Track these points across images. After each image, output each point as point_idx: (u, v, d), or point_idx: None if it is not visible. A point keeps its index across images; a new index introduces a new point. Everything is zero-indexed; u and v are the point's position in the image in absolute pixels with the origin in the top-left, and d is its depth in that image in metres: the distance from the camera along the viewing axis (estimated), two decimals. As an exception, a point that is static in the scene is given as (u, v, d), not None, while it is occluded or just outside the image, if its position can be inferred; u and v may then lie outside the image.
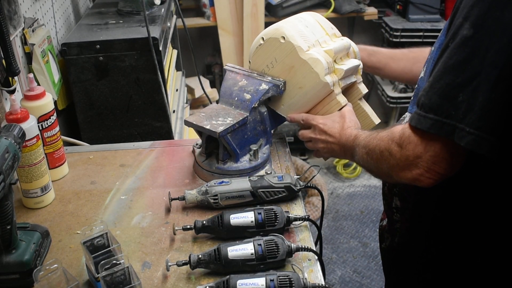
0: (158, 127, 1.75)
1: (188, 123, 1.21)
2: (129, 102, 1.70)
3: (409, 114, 1.06)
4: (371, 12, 3.18)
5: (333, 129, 1.16)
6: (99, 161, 1.37)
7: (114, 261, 0.87)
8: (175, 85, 2.26)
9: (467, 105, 0.79)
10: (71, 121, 1.75)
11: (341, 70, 1.21)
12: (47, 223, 1.12)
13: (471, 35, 0.79)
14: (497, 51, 0.77)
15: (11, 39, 1.22)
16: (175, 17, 2.35)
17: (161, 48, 1.66)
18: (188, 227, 1.04)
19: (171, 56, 2.21)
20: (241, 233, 1.02)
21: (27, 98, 1.18)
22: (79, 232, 1.09)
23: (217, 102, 1.29)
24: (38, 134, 1.14)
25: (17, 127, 0.95)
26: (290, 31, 1.19)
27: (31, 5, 1.51)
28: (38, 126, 1.16)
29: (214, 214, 1.05)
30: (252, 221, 1.02)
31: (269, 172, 1.20)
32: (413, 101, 1.06)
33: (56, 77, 1.61)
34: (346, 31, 3.37)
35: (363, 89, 1.31)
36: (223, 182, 1.13)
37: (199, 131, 1.22)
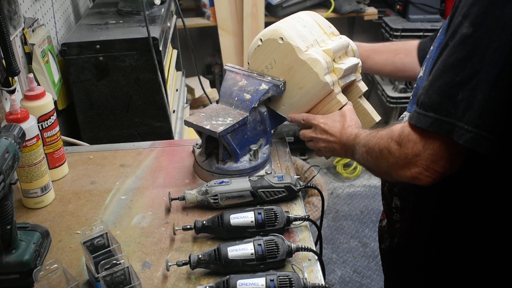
0: (158, 127, 1.75)
1: (188, 123, 1.21)
2: (129, 102, 1.70)
3: (408, 114, 1.06)
4: (371, 12, 3.17)
5: (334, 128, 1.16)
6: (99, 161, 1.37)
7: (114, 261, 0.87)
8: (175, 85, 2.26)
9: (466, 103, 0.79)
10: (71, 121, 1.75)
11: (341, 69, 1.21)
12: (47, 223, 1.12)
13: (470, 33, 0.79)
14: (496, 49, 0.77)
15: (11, 39, 1.22)
16: (175, 17, 2.34)
17: (161, 48, 1.66)
18: (188, 227, 1.04)
19: (171, 56, 2.21)
20: (241, 233, 1.02)
21: (27, 98, 1.18)
22: (79, 232, 1.09)
23: (217, 102, 1.29)
24: (38, 134, 1.14)
25: (17, 127, 0.95)
26: (288, 31, 1.19)
27: (31, 5, 1.51)
28: (38, 126, 1.16)
29: (214, 214, 1.05)
30: (252, 221, 1.02)
31: (269, 172, 1.20)
32: (412, 100, 1.06)
33: (56, 77, 1.61)
34: (346, 31, 3.37)
35: (362, 87, 1.31)
36: (223, 182, 1.13)
37: (199, 131, 1.22)
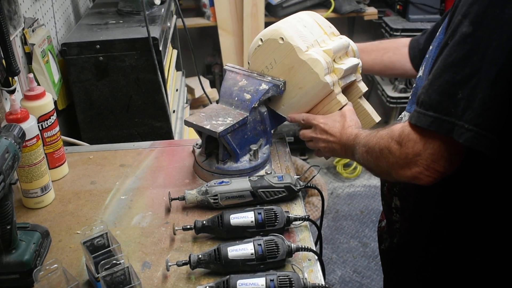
0: (158, 127, 1.75)
1: (188, 123, 1.21)
2: (129, 102, 1.70)
3: (407, 114, 1.06)
4: (371, 12, 3.17)
5: (334, 129, 1.16)
6: (99, 161, 1.37)
7: (114, 261, 0.87)
8: (175, 85, 2.26)
9: (466, 102, 0.79)
10: (71, 121, 1.75)
11: (341, 69, 1.21)
12: (47, 223, 1.12)
13: (470, 32, 0.79)
14: (496, 48, 0.77)
15: (11, 39, 1.22)
16: (175, 17, 2.34)
17: (161, 48, 1.66)
18: (188, 227, 1.04)
19: (171, 56, 2.21)
20: (241, 233, 1.02)
21: (27, 98, 1.18)
22: (79, 232, 1.09)
23: (217, 102, 1.29)
24: (38, 134, 1.14)
25: (17, 127, 0.95)
26: (289, 31, 1.19)
27: (31, 5, 1.51)
28: (38, 126, 1.16)
29: (214, 214, 1.05)
30: (252, 221, 1.02)
31: (269, 172, 1.20)
32: (411, 100, 1.06)
33: (56, 77, 1.61)
34: (346, 31, 3.37)
35: (363, 87, 1.31)
36: (223, 182, 1.13)
37: (199, 131, 1.22)
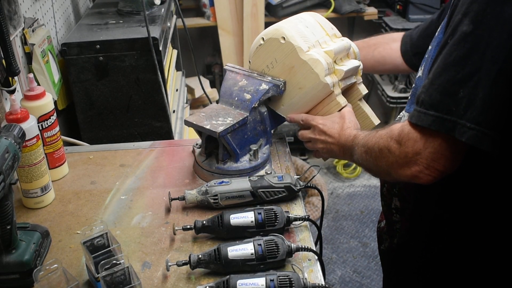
0: (158, 127, 1.75)
1: (188, 123, 1.21)
2: (129, 102, 1.70)
3: (406, 114, 1.06)
4: (371, 12, 3.17)
5: (332, 130, 1.16)
6: (99, 161, 1.37)
7: (114, 261, 0.87)
8: (175, 85, 2.26)
9: (467, 100, 0.79)
10: (71, 121, 1.75)
11: (341, 71, 1.21)
12: (47, 223, 1.12)
13: (470, 31, 0.79)
14: (497, 47, 0.77)
15: (11, 39, 1.22)
16: (175, 17, 2.34)
17: (161, 48, 1.66)
18: (188, 227, 1.04)
19: (171, 56, 2.21)
20: (241, 233, 1.02)
21: (27, 98, 1.18)
22: (79, 232, 1.09)
23: (217, 102, 1.29)
24: (38, 134, 1.14)
25: (17, 127, 0.95)
26: (290, 31, 1.19)
27: (31, 5, 1.51)
28: (38, 126, 1.16)
29: (214, 214, 1.05)
30: (252, 221, 1.02)
31: (269, 172, 1.20)
32: (411, 100, 1.06)
33: (56, 77, 1.61)
34: (346, 31, 3.37)
35: (363, 90, 1.31)
36: (223, 182, 1.13)
37: (199, 131, 1.22)
